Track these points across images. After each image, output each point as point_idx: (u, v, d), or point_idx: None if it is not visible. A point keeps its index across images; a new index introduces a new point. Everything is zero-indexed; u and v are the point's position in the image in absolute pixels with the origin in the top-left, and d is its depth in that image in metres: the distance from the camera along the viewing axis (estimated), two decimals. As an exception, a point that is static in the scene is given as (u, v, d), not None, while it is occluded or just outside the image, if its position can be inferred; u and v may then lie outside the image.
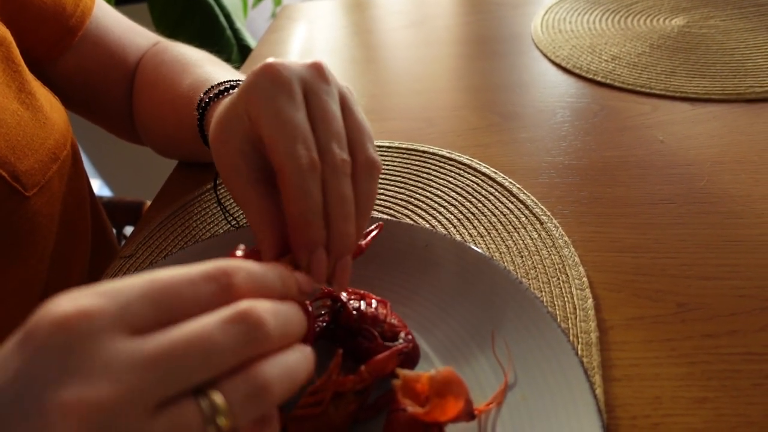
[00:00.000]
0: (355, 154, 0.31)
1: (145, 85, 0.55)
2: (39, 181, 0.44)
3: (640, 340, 0.35)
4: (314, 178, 0.29)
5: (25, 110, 0.44)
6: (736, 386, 0.32)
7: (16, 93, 0.44)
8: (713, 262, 0.39)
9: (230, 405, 0.20)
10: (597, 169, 0.50)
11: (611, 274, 0.40)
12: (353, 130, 0.31)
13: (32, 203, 0.44)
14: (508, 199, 0.47)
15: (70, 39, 0.52)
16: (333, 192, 0.29)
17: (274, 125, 0.29)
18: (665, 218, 0.43)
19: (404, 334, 0.33)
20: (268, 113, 0.29)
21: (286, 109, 0.29)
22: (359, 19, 0.95)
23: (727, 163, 0.48)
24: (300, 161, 0.28)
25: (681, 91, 0.58)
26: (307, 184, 0.28)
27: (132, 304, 0.20)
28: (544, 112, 0.59)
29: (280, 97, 0.29)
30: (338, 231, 0.29)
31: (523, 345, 0.33)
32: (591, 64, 0.66)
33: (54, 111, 0.47)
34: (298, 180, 0.28)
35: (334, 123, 0.30)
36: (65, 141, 0.48)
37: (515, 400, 0.31)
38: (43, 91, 0.48)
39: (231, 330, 0.21)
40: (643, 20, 0.76)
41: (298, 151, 0.28)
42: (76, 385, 0.18)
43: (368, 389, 0.30)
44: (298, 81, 0.30)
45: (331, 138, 0.30)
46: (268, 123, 0.29)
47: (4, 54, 0.44)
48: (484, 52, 0.75)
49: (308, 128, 0.29)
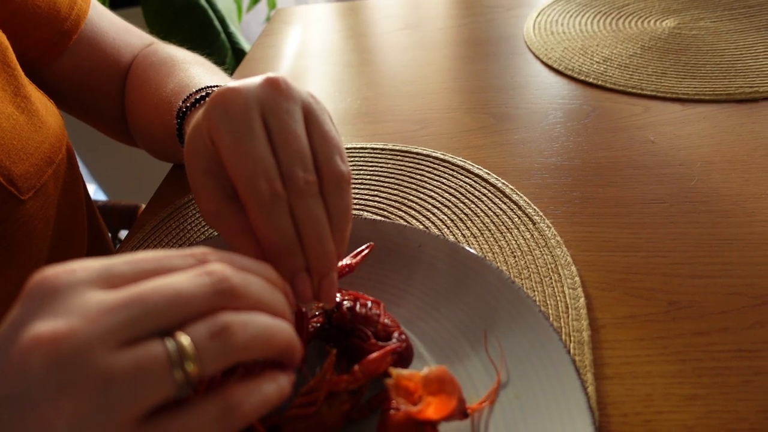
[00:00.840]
0: (321, 169, 0.30)
1: (134, 86, 0.55)
2: (34, 184, 0.44)
3: (632, 339, 0.35)
4: (280, 209, 0.29)
5: (20, 114, 0.44)
6: (726, 383, 0.32)
7: (11, 97, 0.44)
8: (704, 261, 0.40)
9: (196, 348, 0.21)
10: (589, 170, 0.50)
11: (603, 273, 0.40)
12: (319, 144, 0.30)
13: (27, 207, 0.44)
14: (501, 200, 0.47)
15: (66, 42, 0.52)
16: (302, 216, 0.29)
17: (233, 157, 0.29)
18: (656, 218, 0.44)
19: (398, 333, 0.33)
20: (227, 144, 0.29)
21: (244, 141, 0.29)
22: (353, 23, 0.95)
23: (717, 163, 0.48)
24: (262, 196, 0.28)
25: (672, 92, 0.59)
26: (274, 217, 0.28)
27: (114, 265, 0.23)
28: (537, 113, 0.60)
29: (237, 126, 0.29)
30: (315, 253, 0.29)
31: (515, 344, 0.33)
32: (583, 65, 0.67)
33: (49, 115, 0.48)
34: (264, 215, 0.28)
35: (295, 143, 0.30)
36: (60, 145, 0.48)
37: (508, 399, 0.31)
38: (38, 95, 0.48)
39: (197, 280, 0.23)
40: (635, 22, 0.76)
41: (260, 186, 0.28)
42: (48, 322, 0.20)
43: (362, 389, 0.31)
44: (256, 104, 0.30)
45: (293, 161, 0.29)
46: (228, 154, 0.29)
47: (0, 58, 0.44)
48: (477, 55, 0.75)
49: (269, 156, 0.29)
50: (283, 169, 0.29)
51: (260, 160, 0.29)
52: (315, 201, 0.29)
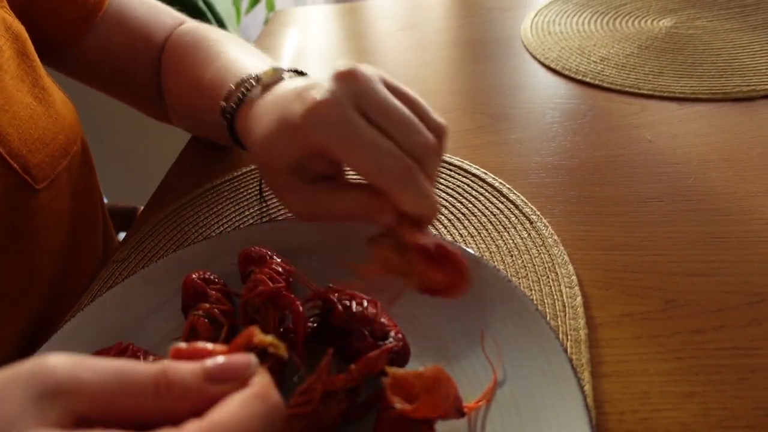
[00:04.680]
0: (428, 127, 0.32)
1: (171, 70, 0.56)
2: (49, 174, 0.45)
3: (629, 337, 0.35)
4: (418, 178, 0.30)
5: (38, 105, 0.45)
6: (723, 381, 0.32)
7: (29, 87, 0.45)
8: (700, 259, 0.40)
9: None
10: (586, 169, 0.50)
11: (600, 272, 0.40)
12: (413, 108, 0.32)
13: (41, 197, 0.44)
14: (498, 199, 0.47)
15: (91, 20, 0.52)
16: (432, 173, 0.31)
17: (353, 157, 0.30)
18: (653, 216, 0.44)
19: (394, 333, 0.33)
20: (342, 148, 0.30)
21: (354, 138, 0.30)
22: (351, 24, 0.95)
23: (714, 162, 0.48)
24: (397, 174, 0.29)
25: (668, 91, 0.59)
26: (416, 188, 0.30)
27: None
28: (534, 113, 0.60)
29: (341, 130, 0.30)
30: None
31: (512, 343, 0.34)
32: (580, 65, 0.67)
33: (65, 107, 0.48)
34: (407, 190, 0.29)
35: (399, 114, 0.31)
36: (76, 137, 0.49)
37: (504, 397, 0.31)
38: (55, 87, 0.48)
39: None
40: (631, 22, 0.76)
41: (389, 167, 0.29)
42: None
43: (358, 388, 0.31)
44: (347, 101, 0.30)
45: (407, 131, 0.30)
46: (348, 157, 0.30)
47: (20, 49, 0.44)
48: (474, 55, 0.76)
49: (382, 139, 0.30)
50: (401, 142, 0.30)
51: (376, 145, 0.30)
52: (438, 157, 0.32)
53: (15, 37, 0.44)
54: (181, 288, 0.38)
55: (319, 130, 0.30)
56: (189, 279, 0.38)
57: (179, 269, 0.40)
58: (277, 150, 0.33)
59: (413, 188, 0.30)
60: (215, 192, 0.54)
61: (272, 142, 0.34)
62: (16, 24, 0.45)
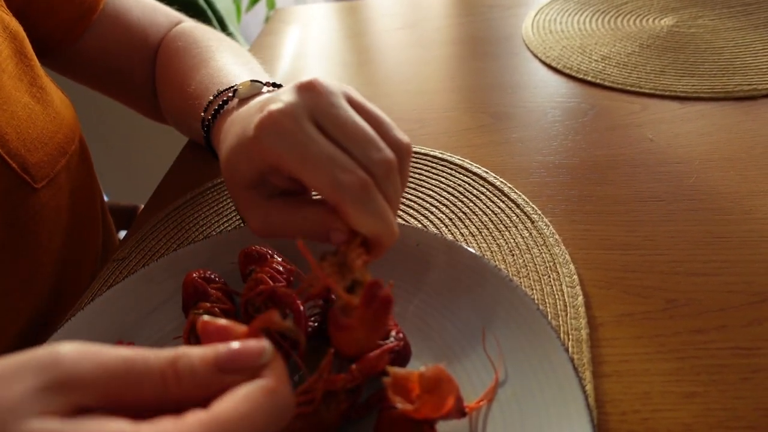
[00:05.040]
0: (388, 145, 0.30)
1: (163, 72, 0.56)
2: (48, 173, 0.45)
3: (630, 337, 0.35)
4: (374, 194, 0.28)
5: (36, 104, 0.45)
6: (724, 381, 0.32)
7: (27, 87, 0.45)
8: (702, 259, 0.40)
9: None
10: (587, 168, 0.50)
11: (601, 271, 0.40)
12: (374, 124, 0.31)
13: (40, 196, 0.45)
14: (499, 198, 0.47)
15: (88, 19, 0.52)
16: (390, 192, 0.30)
17: (306, 171, 0.28)
18: (654, 216, 0.44)
19: (395, 332, 0.33)
20: (294, 162, 0.29)
21: (309, 151, 0.28)
22: (352, 22, 0.95)
23: (715, 161, 0.48)
24: (351, 189, 0.28)
25: (670, 90, 0.59)
26: (371, 203, 0.28)
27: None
28: (535, 112, 0.60)
29: (295, 142, 0.29)
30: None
31: (513, 342, 0.33)
32: (581, 64, 0.67)
33: (63, 106, 0.48)
34: (360, 206, 0.28)
35: (357, 130, 0.29)
36: (74, 136, 0.49)
37: (506, 397, 0.31)
38: (53, 86, 0.48)
39: None
40: (633, 20, 0.76)
41: (344, 181, 0.28)
42: None
43: (359, 388, 0.31)
44: (303, 114, 0.29)
45: (364, 146, 0.29)
46: (300, 171, 0.29)
47: (17, 48, 0.44)
48: (475, 54, 0.75)
49: (338, 152, 0.29)
50: (359, 158, 0.29)
51: (331, 159, 0.28)
52: (397, 176, 0.30)
53: (13, 36, 0.44)
54: (181, 287, 0.38)
55: (272, 141, 0.29)
56: (189, 278, 0.38)
57: (180, 268, 0.40)
58: (236, 164, 0.32)
59: (366, 206, 0.28)
60: (215, 191, 0.54)
61: (231, 156, 0.33)
62: (13, 23, 0.45)
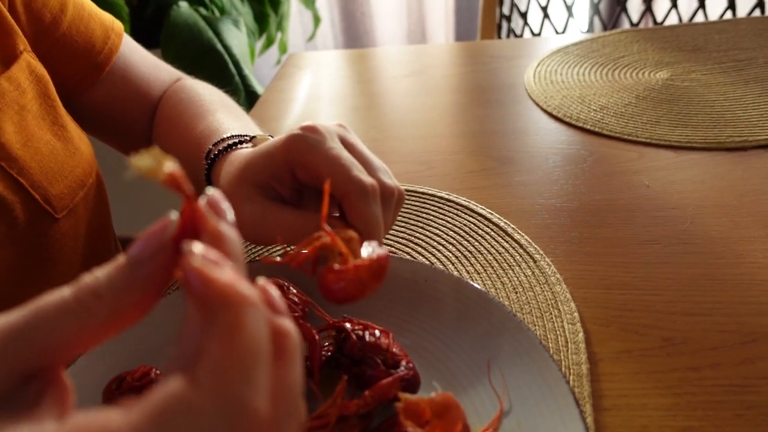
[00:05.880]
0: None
1: (163, 121, 0.59)
2: (68, 204, 0.48)
3: (628, 372, 0.37)
4: (377, 199, 0.35)
5: (57, 141, 0.48)
6: (719, 416, 0.34)
7: (50, 125, 0.48)
8: (696, 300, 0.42)
9: None
10: (587, 212, 0.52)
11: (600, 309, 0.42)
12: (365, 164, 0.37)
13: (61, 225, 0.47)
14: (503, 238, 0.50)
15: (98, 73, 0.56)
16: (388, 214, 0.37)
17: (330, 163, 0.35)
18: (651, 258, 0.46)
19: (405, 362, 0.35)
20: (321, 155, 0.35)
21: (336, 148, 0.36)
22: (362, 69, 1.00)
23: (708, 207, 0.51)
24: (366, 188, 0.35)
25: (665, 140, 0.62)
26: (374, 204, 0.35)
27: None
28: (537, 157, 0.63)
29: (326, 141, 0.36)
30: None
31: (517, 375, 0.35)
32: (581, 113, 0.70)
33: (82, 143, 0.51)
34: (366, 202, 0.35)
35: (374, 159, 0.38)
36: (91, 170, 0.52)
37: (510, 427, 0.33)
38: (73, 125, 0.52)
39: None
40: (630, 73, 0.80)
41: (364, 180, 0.35)
42: None
43: (372, 413, 0.32)
44: (335, 132, 0.37)
45: (377, 169, 0.37)
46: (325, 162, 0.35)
47: (42, 90, 0.48)
48: (480, 101, 0.79)
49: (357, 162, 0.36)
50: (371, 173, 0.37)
51: (352, 162, 0.36)
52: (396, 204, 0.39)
53: (38, 79, 0.48)
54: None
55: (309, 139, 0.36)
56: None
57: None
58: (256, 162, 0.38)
59: (369, 203, 0.35)
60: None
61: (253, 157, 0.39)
62: (39, 67, 0.48)
